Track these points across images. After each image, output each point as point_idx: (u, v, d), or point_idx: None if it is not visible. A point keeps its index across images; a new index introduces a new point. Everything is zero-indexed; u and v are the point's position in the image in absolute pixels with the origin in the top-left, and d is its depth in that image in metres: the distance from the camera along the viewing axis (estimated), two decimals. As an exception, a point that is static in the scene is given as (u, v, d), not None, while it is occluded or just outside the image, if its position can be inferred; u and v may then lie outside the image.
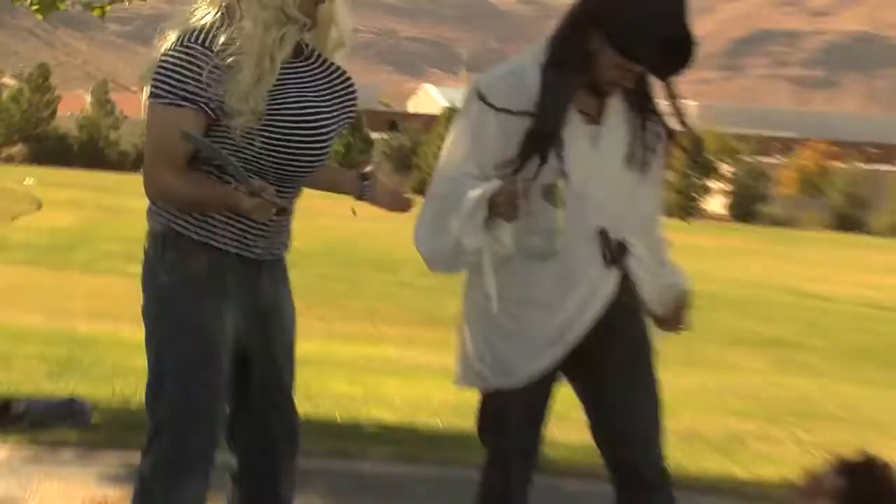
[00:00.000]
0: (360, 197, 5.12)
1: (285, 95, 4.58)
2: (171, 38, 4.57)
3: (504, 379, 5.04)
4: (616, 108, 5.00)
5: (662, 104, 5.09)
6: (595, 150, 4.95)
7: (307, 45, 4.73)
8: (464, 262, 4.94)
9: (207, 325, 4.67)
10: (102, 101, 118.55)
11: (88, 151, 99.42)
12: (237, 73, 4.47)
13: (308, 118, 4.63)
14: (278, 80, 4.55)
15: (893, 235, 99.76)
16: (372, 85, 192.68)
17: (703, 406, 12.61)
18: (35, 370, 11.11)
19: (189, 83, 4.48)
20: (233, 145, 4.52)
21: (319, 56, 4.78)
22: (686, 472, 8.46)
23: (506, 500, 5.28)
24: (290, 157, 4.62)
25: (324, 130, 4.69)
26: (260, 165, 4.58)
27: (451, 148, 5.00)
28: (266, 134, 4.53)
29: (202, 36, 4.51)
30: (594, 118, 4.96)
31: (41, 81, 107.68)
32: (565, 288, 4.95)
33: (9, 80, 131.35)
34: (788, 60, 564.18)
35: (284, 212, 4.62)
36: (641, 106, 5.05)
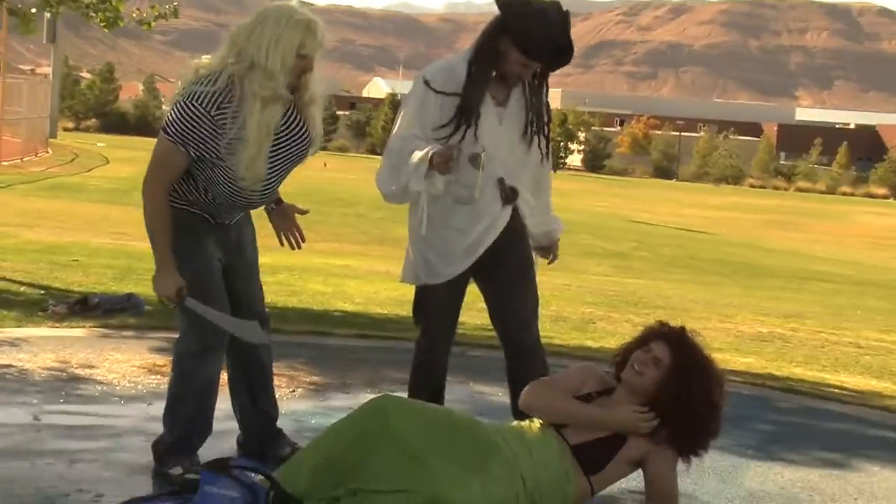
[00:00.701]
0: (265, 211, 5.06)
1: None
2: (184, 90, 4.47)
3: (431, 278, 5.19)
4: (517, 97, 5.12)
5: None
6: (500, 125, 5.09)
7: (290, 104, 4.61)
8: (408, 198, 5.09)
9: (201, 251, 4.69)
10: (150, 89, 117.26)
11: (141, 124, 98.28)
12: (243, 147, 4.42)
13: (272, 177, 4.63)
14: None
15: (694, 181, 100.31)
16: (337, 77, 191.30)
17: (566, 298, 12.65)
18: (104, 275, 11.01)
19: (188, 134, 4.43)
20: (217, 179, 4.53)
21: (296, 114, 4.65)
22: (553, 344, 8.50)
23: (432, 363, 5.36)
24: (255, 197, 4.68)
25: (279, 179, 4.71)
26: (228, 202, 4.64)
27: (403, 117, 5.12)
28: (234, 181, 4.54)
29: (209, 103, 4.41)
30: (501, 103, 5.10)
31: (108, 75, 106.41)
32: (475, 218, 5.11)
33: (85, 74, 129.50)
34: (624, 61, 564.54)
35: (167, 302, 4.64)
36: (534, 99, 5.14)
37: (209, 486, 4.18)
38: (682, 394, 4.41)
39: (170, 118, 4.49)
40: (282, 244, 5.11)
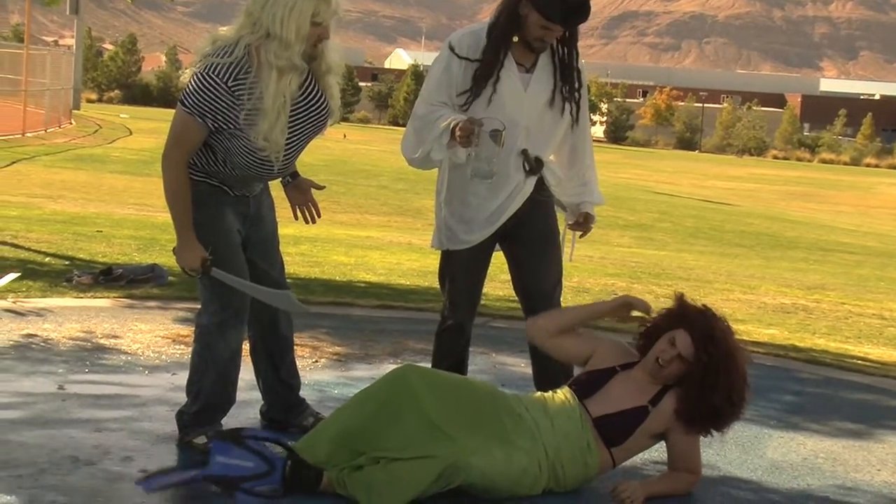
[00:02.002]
0: (282, 185, 5.06)
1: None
2: (202, 62, 4.47)
3: (453, 244, 5.22)
4: (544, 63, 5.10)
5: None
6: (525, 91, 5.07)
7: (308, 74, 4.61)
8: (431, 165, 5.13)
9: (221, 224, 4.68)
10: (173, 60, 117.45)
11: (163, 95, 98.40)
12: (261, 117, 4.41)
13: (291, 147, 4.62)
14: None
15: (717, 152, 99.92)
16: (359, 49, 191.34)
17: (588, 269, 12.64)
18: (128, 246, 11.05)
19: (205, 105, 4.42)
20: (236, 149, 4.52)
21: (313, 84, 4.65)
22: (576, 315, 8.47)
23: (454, 330, 5.38)
24: (272, 168, 4.66)
25: (297, 150, 4.71)
26: (250, 172, 4.62)
27: (429, 82, 5.16)
28: (252, 152, 4.53)
29: (226, 74, 4.40)
30: (528, 69, 5.08)
31: (130, 46, 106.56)
32: (497, 188, 5.12)
33: (108, 46, 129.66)
34: (646, 32, 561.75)
35: (193, 274, 4.64)
36: (564, 69, 5.11)
37: (221, 455, 4.20)
38: (705, 390, 4.41)
39: (187, 90, 4.47)
40: (296, 218, 5.13)
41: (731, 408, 4.47)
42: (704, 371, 4.42)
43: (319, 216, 5.13)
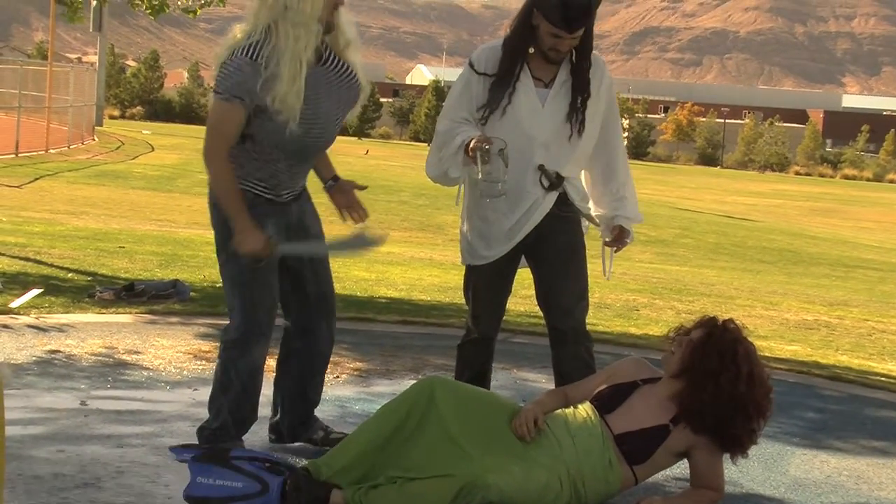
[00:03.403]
0: (324, 189, 5.06)
1: (308, 97, 4.54)
2: (226, 53, 4.52)
3: (474, 259, 5.24)
4: (563, 78, 5.07)
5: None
6: (542, 108, 5.06)
7: (326, 48, 4.67)
8: (451, 183, 5.21)
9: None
10: (195, 77, 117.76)
11: (186, 111, 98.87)
12: (277, 81, 4.43)
13: (320, 117, 4.64)
14: (308, 85, 4.52)
15: (739, 168, 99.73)
16: (380, 65, 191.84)
17: (609, 285, 12.59)
18: (150, 262, 11.08)
19: (237, 86, 4.45)
20: (271, 129, 4.53)
21: (335, 57, 4.71)
22: (597, 331, 8.47)
23: (476, 343, 5.37)
24: (309, 144, 4.68)
25: (333, 123, 4.73)
26: (287, 148, 4.62)
27: (450, 98, 5.21)
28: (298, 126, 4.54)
29: (250, 51, 4.46)
30: (546, 84, 5.08)
31: (153, 63, 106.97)
32: (515, 204, 5.10)
33: (131, 63, 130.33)
34: (668, 47, 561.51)
35: (259, 261, 4.62)
36: (581, 86, 5.07)
37: (201, 477, 4.17)
38: (705, 370, 4.36)
39: (218, 79, 4.55)
40: (344, 220, 5.09)
41: (742, 398, 4.39)
42: (707, 350, 4.39)
43: (367, 215, 5.08)
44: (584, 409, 4.47)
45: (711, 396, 4.34)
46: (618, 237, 5.29)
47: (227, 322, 4.81)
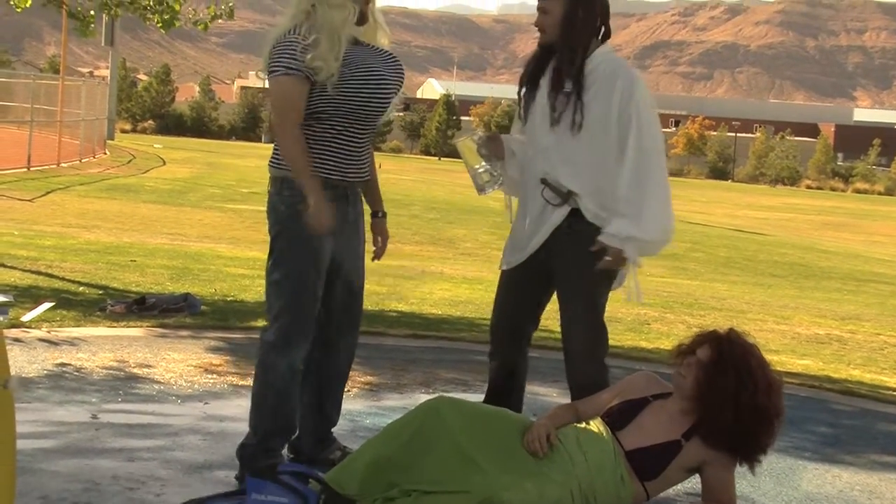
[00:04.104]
0: (371, 216, 5.18)
1: (358, 63, 4.71)
2: (272, 40, 4.69)
3: (502, 263, 5.19)
4: (568, 89, 4.89)
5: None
6: (537, 107, 5.02)
7: (362, 42, 4.83)
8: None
9: (313, 241, 4.70)
10: (206, 91, 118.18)
11: (197, 125, 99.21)
12: (317, 45, 4.59)
13: (375, 75, 4.75)
14: (352, 54, 4.69)
15: (750, 182, 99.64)
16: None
17: (620, 299, 12.55)
18: (161, 275, 11.10)
19: (292, 61, 4.60)
20: (329, 96, 4.64)
21: (372, 46, 4.87)
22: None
23: (494, 354, 5.23)
24: (366, 102, 4.73)
25: (385, 85, 4.79)
26: (347, 108, 4.70)
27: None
28: (349, 86, 4.66)
29: (297, 32, 4.64)
30: (553, 95, 4.97)
31: (164, 77, 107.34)
32: (522, 215, 5.09)
33: (143, 77, 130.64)
34: (679, 61, 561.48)
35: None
36: (556, 78, 4.93)
37: (256, 493, 4.21)
38: (723, 391, 4.34)
39: (270, 62, 4.67)
40: (374, 244, 5.21)
41: (756, 409, 4.37)
42: (718, 371, 4.36)
43: (380, 258, 5.23)
44: (596, 425, 4.46)
45: (734, 417, 4.31)
46: (596, 254, 4.83)
47: (270, 322, 4.81)
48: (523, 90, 5.07)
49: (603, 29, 4.97)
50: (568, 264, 4.93)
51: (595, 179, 4.87)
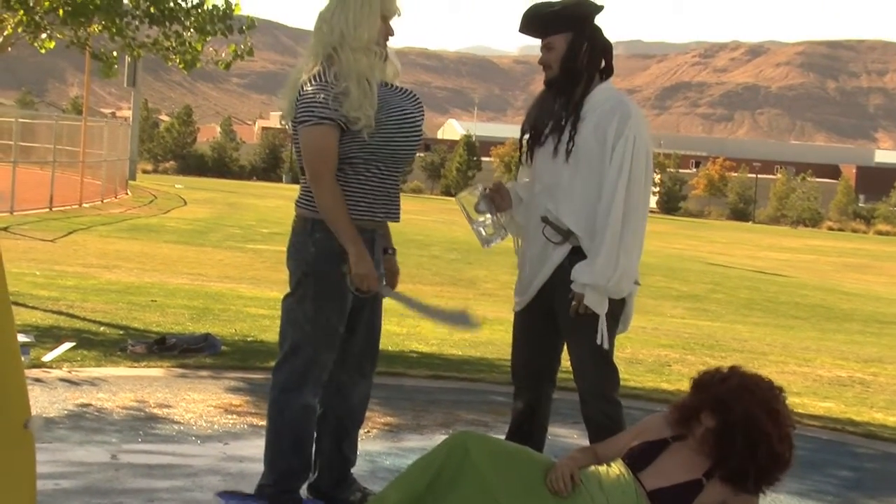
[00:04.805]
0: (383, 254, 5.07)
1: (391, 106, 4.72)
2: (295, 90, 4.69)
3: (515, 304, 5.19)
4: (571, 123, 4.96)
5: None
6: (542, 150, 5.05)
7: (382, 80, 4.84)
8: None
9: (340, 284, 4.70)
10: (227, 131, 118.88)
11: (218, 165, 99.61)
12: (348, 93, 4.58)
13: (408, 118, 4.77)
14: (383, 98, 4.70)
15: (771, 223, 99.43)
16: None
17: (641, 340, 12.57)
18: (182, 315, 11.12)
19: (324, 109, 4.59)
20: (364, 142, 4.63)
21: (392, 84, 4.88)
22: (628, 386, 8.45)
23: (517, 394, 5.23)
24: (401, 145, 4.76)
25: (417, 126, 4.82)
26: (383, 153, 4.71)
27: None
28: (384, 132, 4.66)
29: (317, 78, 4.62)
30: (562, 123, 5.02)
31: (186, 118, 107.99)
32: (525, 255, 5.11)
33: (164, 117, 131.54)
34: (699, 102, 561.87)
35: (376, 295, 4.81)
36: (552, 110, 5.01)
37: None
38: (738, 453, 4.33)
39: (298, 113, 4.66)
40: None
41: (772, 459, 4.35)
42: (729, 435, 4.35)
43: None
44: (617, 467, 4.45)
45: (757, 470, 4.32)
46: (570, 299, 4.87)
47: (280, 362, 4.81)
48: (526, 135, 5.10)
49: (603, 65, 5.03)
50: (567, 303, 4.90)
51: (591, 216, 4.89)
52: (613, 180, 4.83)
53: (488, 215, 5.10)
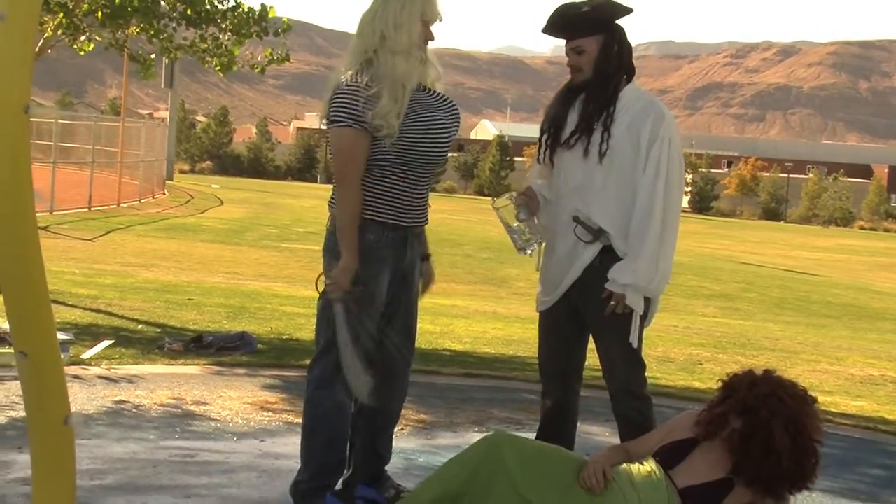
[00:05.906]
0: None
1: (419, 111, 4.68)
2: (333, 87, 4.67)
3: (538, 305, 5.17)
4: (597, 121, 4.93)
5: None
6: (571, 147, 4.99)
7: (421, 83, 4.79)
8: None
9: (372, 283, 4.70)
10: (263, 132, 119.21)
11: (254, 166, 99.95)
12: (379, 98, 4.56)
13: (436, 124, 4.73)
14: (415, 103, 4.67)
15: (803, 223, 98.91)
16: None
17: (673, 339, 12.53)
18: (218, 314, 11.17)
19: (353, 112, 4.57)
20: (384, 147, 4.63)
21: (431, 89, 4.83)
22: (660, 385, 8.42)
23: (546, 394, 5.20)
24: (426, 151, 4.72)
25: (445, 133, 4.78)
26: (407, 157, 4.69)
27: None
28: (409, 136, 4.64)
29: (353, 79, 4.61)
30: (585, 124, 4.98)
31: (222, 118, 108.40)
32: (552, 255, 5.07)
33: (201, 118, 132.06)
34: (731, 103, 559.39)
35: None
36: (585, 112, 4.95)
37: None
38: (766, 459, 4.30)
39: (331, 111, 4.65)
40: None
41: (797, 459, 4.32)
42: (755, 436, 4.32)
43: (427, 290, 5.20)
44: (649, 465, 4.44)
45: (773, 478, 4.30)
46: (605, 298, 4.86)
47: (316, 357, 4.82)
48: (546, 135, 5.07)
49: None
50: (599, 302, 4.87)
51: (624, 215, 4.86)
52: (651, 182, 4.81)
53: (525, 221, 5.07)
